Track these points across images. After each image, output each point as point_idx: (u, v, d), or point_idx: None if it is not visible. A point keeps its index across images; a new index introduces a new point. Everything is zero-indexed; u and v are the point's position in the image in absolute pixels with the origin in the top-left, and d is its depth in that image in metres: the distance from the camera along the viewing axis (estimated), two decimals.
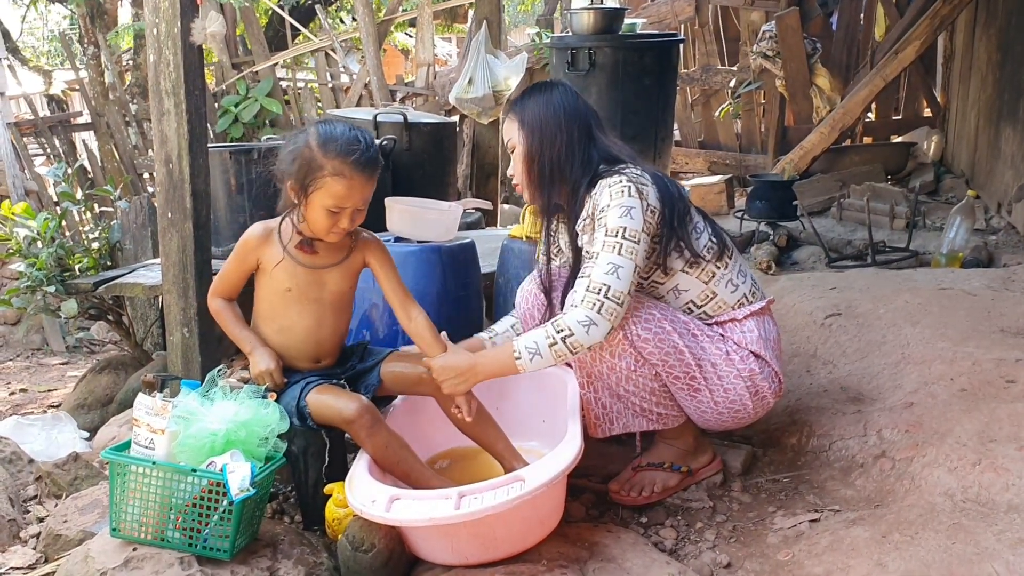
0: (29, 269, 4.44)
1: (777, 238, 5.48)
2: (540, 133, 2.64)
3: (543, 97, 2.67)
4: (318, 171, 2.50)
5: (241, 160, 4.68)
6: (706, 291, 2.67)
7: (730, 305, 2.69)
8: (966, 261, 4.70)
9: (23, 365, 7.34)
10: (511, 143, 2.71)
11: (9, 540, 2.87)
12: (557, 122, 2.63)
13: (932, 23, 6.13)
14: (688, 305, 2.68)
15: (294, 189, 2.56)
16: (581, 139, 2.64)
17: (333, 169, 2.50)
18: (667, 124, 5.99)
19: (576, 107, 2.68)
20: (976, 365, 3.06)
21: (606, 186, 2.53)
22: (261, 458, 2.40)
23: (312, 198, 2.53)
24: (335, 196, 2.51)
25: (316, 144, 2.51)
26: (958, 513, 2.46)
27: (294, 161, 2.53)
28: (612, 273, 2.42)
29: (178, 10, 3.14)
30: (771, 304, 2.78)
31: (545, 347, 2.43)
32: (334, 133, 2.54)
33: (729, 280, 2.68)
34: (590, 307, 2.41)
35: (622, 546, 2.45)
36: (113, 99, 9.42)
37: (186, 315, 3.32)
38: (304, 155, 2.52)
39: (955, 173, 6.78)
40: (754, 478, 2.92)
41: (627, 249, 2.44)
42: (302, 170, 2.51)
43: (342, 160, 2.50)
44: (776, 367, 2.70)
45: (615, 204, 2.48)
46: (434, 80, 8.31)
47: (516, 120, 2.69)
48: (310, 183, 2.51)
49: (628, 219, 2.46)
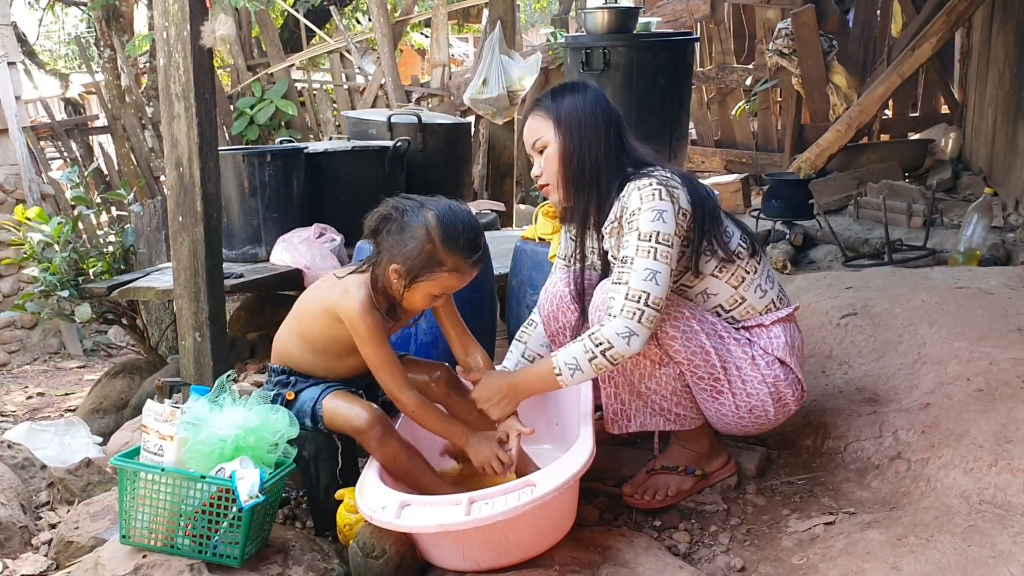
0: (43, 274, 4.47)
1: (793, 237, 5.45)
2: (580, 131, 2.58)
3: (579, 96, 2.62)
4: (437, 267, 2.42)
5: (254, 163, 4.69)
6: (735, 295, 2.63)
7: (758, 311, 2.66)
8: (984, 259, 4.66)
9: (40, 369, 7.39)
10: (541, 142, 2.63)
11: (21, 547, 2.87)
12: (595, 121, 2.58)
13: (949, 19, 6.07)
14: (716, 309, 2.65)
15: (401, 274, 2.44)
16: (615, 140, 2.60)
17: (453, 266, 2.44)
18: (682, 123, 5.95)
19: (609, 108, 2.64)
20: (993, 365, 3.02)
21: (635, 189, 2.49)
22: (271, 464, 2.39)
23: (421, 286, 2.45)
24: (446, 287, 2.49)
25: (439, 239, 2.41)
26: (974, 515, 2.43)
27: (411, 251, 2.42)
28: (651, 279, 2.40)
29: (187, 13, 3.14)
30: (796, 311, 2.75)
31: (585, 361, 2.42)
32: (456, 228, 2.43)
33: (758, 285, 2.65)
34: (630, 316, 2.38)
35: (635, 550, 2.43)
36: (129, 102, 9.46)
37: (198, 319, 3.32)
38: (425, 249, 2.41)
39: (973, 170, 6.72)
40: (769, 481, 2.89)
41: (662, 253, 2.41)
42: (419, 262, 2.41)
43: (465, 259, 2.45)
44: (800, 375, 2.68)
45: (647, 208, 2.43)
46: (449, 80, 8.30)
47: (550, 118, 2.61)
48: (423, 275, 2.43)
49: (661, 223, 2.43)
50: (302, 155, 4.93)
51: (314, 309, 2.59)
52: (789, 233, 5.55)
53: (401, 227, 2.45)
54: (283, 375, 2.64)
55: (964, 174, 6.67)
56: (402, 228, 2.44)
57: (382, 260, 2.48)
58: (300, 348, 2.63)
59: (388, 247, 2.46)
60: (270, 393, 2.59)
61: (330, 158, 5.07)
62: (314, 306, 2.60)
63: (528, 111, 2.71)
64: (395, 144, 5.17)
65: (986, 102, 6.56)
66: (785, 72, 7.43)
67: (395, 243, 2.45)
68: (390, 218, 2.47)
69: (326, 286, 2.60)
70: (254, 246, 4.80)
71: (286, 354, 2.66)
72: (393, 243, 2.45)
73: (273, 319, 5.00)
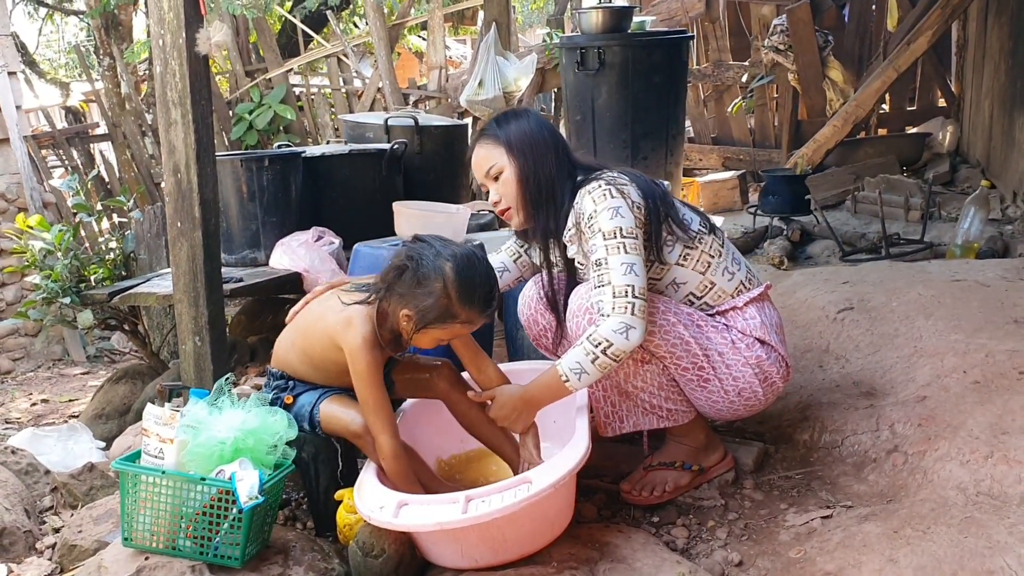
0: (45, 281, 4.48)
1: (791, 233, 5.46)
2: (532, 152, 2.64)
3: (522, 120, 2.69)
4: (450, 319, 2.42)
5: (252, 167, 4.70)
6: (704, 281, 2.67)
7: (729, 293, 2.69)
8: (981, 252, 4.66)
9: (44, 376, 7.41)
10: (496, 168, 2.66)
11: (25, 551, 2.89)
12: (544, 140, 2.66)
13: (944, 12, 6.08)
14: (688, 297, 2.69)
15: (412, 320, 2.43)
16: (563, 155, 2.68)
17: (466, 319, 2.44)
18: (679, 121, 5.97)
19: (552, 128, 2.74)
20: (989, 357, 3.03)
21: (587, 193, 2.55)
22: (270, 466, 2.41)
23: (430, 332, 2.46)
24: (455, 334, 2.51)
25: (455, 294, 2.39)
26: (970, 507, 2.45)
27: (425, 304, 2.40)
28: (629, 272, 2.44)
29: (183, 21, 3.16)
30: (768, 289, 2.78)
31: (588, 363, 2.44)
32: (473, 282, 2.42)
33: (724, 268, 2.69)
34: (622, 312, 2.42)
35: (633, 546, 2.44)
36: (129, 109, 9.48)
37: (197, 324, 3.34)
38: (440, 303, 2.39)
39: (971, 163, 6.73)
40: (766, 475, 2.90)
41: (631, 246, 2.46)
42: (432, 313, 2.40)
43: (479, 313, 2.46)
44: (782, 351, 2.71)
45: (602, 208, 2.49)
46: (446, 83, 8.31)
47: (501, 144, 2.66)
48: (434, 324, 2.43)
49: (620, 218, 2.48)
50: (300, 159, 4.94)
51: (316, 331, 2.57)
52: (786, 229, 5.57)
53: (417, 279, 2.42)
54: (281, 379, 2.66)
55: (962, 167, 6.68)
56: (418, 280, 2.41)
57: (392, 300, 2.46)
58: (300, 360, 2.63)
59: (401, 294, 2.44)
60: (268, 396, 2.60)
61: (327, 162, 5.08)
62: (316, 328, 2.58)
63: (475, 141, 2.75)
64: (392, 147, 5.18)
65: (983, 94, 6.57)
66: (781, 68, 7.44)
67: (409, 292, 2.43)
68: (405, 268, 2.44)
69: (330, 309, 2.55)
70: (253, 250, 4.81)
71: (286, 362, 2.67)
72: (407, 291, 2.43)
73: (274, 323, 5.02)
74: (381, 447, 2.45)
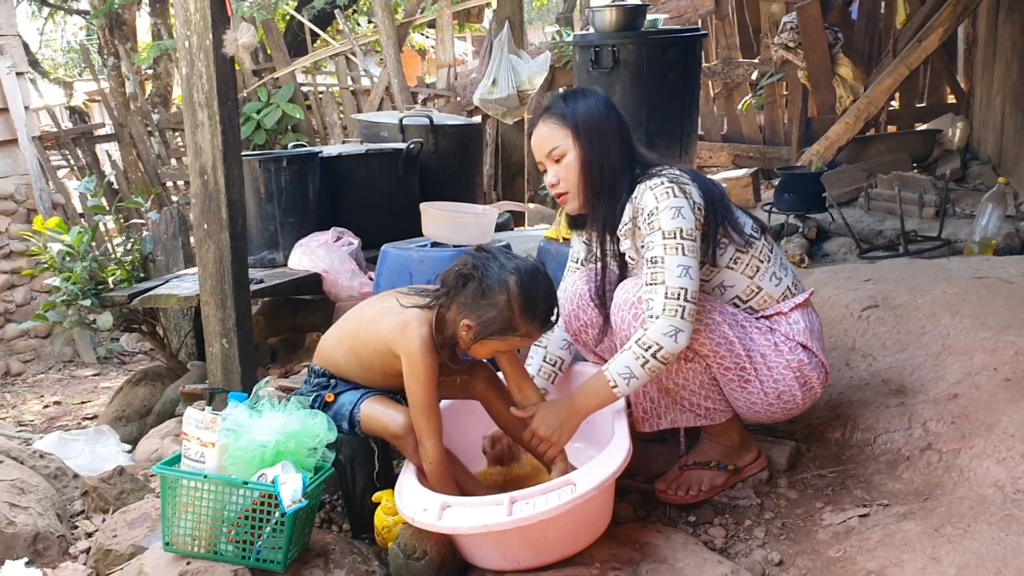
0: (64, 283, 4.48)
1: (807, 230, 5.45)
2: (599, 140, 2.60)
3: (591, 103, 2.64)
4: (511, 331, 2.44)
5: (270, 168, 4.71)
6: (751, 285, 2.66)
7: (775, 299, 2.68)
8: (999, 248, 4.66)
9: (56, 378, 7.41)
10: (559, 151, 2.63)
11: (59, 556, 2.89)
12: (611, 128, 2.62)
13: (955, 9, 6.07)
14: (734, 300, 2.68)
15: (472, 330, 2.45)
16: (627, 146, 2.64)
17: (527, 332, 2.47)
18: (692, 119, 5.97)
19: (619, 114, 2.68)
20: (1019, 354, 3.03)
21: (648, 189, 2.52)
22: (310, 468, 2.41)
23: (489, 343, 2.47)
24: (513, 347, 2.52)
25: (518, 307, 2.42)
26: (1009, 504, 2.45)
27: (488, 316, 2.43)
28: (685, 275, 2.43)
29: (209, 23, 3.16)
30: (812, 296, 2.77)
31: (638, 367, 2.44)
32: (536, 298, 2.45)
33: (772, 273, 2.68)
34: (672, 314, 2.41)
35: (673, 546, 2.45)
36: (135, 109, 9.48)
37: (225, 326, 3.34)
38: (503, 316, 2.42)
39: (981, 159, 6.72)
40: (799, 474, 2.90)
41: (689, 248, 2.45)
42: (494, 325, 2.43)
43: (540, 328, 2.49)
44: (823, 358, 2.71)
45: (664, 206, 2.47)
46: (455, 81, 8.31)
47: (567, 127, 2.62)
48: (495, 335, 2.45)
49: (681, 219, 2.46)
50: (317, 159, 4.95)
51: (370, 333, 2.57)
52: (802, 227, 5.56)
53: (481, 290, 2.44)
54: (323, 377, 2.66)
55: (973, 163, 6.67)
56: (482, 292, 2.43)
57: (453, 308, 2.48)
58: (347, 359, 2.63)
59: (463, 303, 2.46)
60: (309, 397, 2.60)
61: (344, 162, 5.10)
62: (370, 330, 2.57)
63: (539, 117, 2.71)
64: (408, 146, 5.18)
65: (993, 91, 6.57)
66: (791, 66, 7.42)
67: (472, 303, 2.45)
68: (470, 278, 2.46)
69: (388, 311, 2.55)
70: (272, 251, 4.82)
71: (330, 360, 2.67)
72: (470, 302, 2.45)
73: (292, 323, 5.03)
74: (427, 451, 2.45)
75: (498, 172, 7.23)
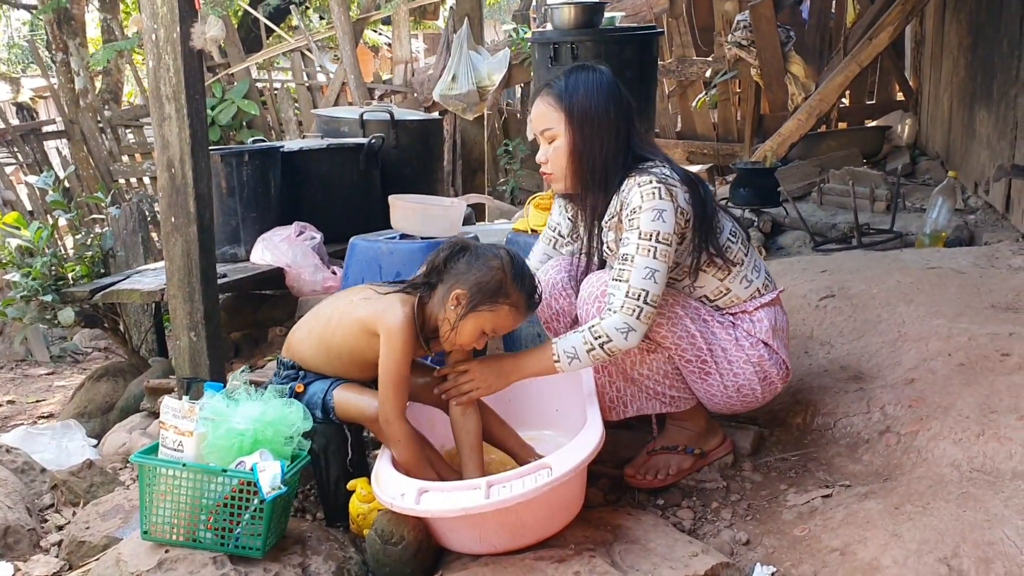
0: (24, 279, 4.44)
1: (762, 224, 5.55)
2: (593, 128, 2.56)
3: (593, 86, 2.57)
4: (502, 297, 2.47)
5: (232, 163, 4.71)
6: (720, 287, 2.70)
7: (742, 299, 2.73)
8: (949, 240, 4.79)
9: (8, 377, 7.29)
10: (551, 133, 2.61)
11: (30, 549, 2.88)
12: (608, 117, 2.56)
13: (905, 8, 6.21)
14: (701, 299, 2.72)
15: (463, 300, 2.47)
16: (624, 137, 2.59)
17: (515, 301, 2.49)
18: (649, 116, 6.04)
19: (622, 100, 2.60)
20: (972, 340, 3.13)
21: (636, 185, 2.51)
22: (287, 456, 2.44)
23: (478, 317, 2.48)
24: (498, 326, 2.52)
25: (511, 272, 2.48)
26: (966, 483, 2.53)
27: (483, 277, 2.47)
28: (650, 278, 2.46)
29: (176, 15, 3.15)
30: (781, 294, 2.82)
31: (583, 352, 2.48)
32: (524, 269, 2.54)
33: (744, 276, 2.71)
34: (629, 313, 2.45)
35: (644, 527, 2.51)
36: (85, 106, 9.36)
37: (193, 319, 3.33)
38: (497, 277, 2.46)
39: (930, 155, 6.89)
40: (763, 457, 2.98)
41: (662, 252, 2.47)
42: (488, 288, 2.46)
43: (526, 299, 2.52)
44: (784, 355, 2.76)
45: (647, 207, 2.47)
46: (412, 77, 8.33)
47: (562, 109, 2.57)
48: (486, 303, 2.47)
49: (661, 222, 2.47)
50: (278, 154, 4.95)
51: (345, 319, 2.59)
52: (757, 220, 5.65)
53: (476, 255, 2.51)
54: (292, 369, 2.68)
55: (921, 159, 6.84)
56: (476, 257, 2.51)
57: (440, 287, 2.52)
58: (315, 351, 2.65)
59: (456, 273, 2.50)
60: (285, 386, 2.62)
61: (306, 156, 5.10)
62: (345, 316, 2.59)
63: (539, 91, 2.68)
64: (369, 141, 5.20)
65: (941, 89, 6.73)
66: (744, 63, 7.54)
67: (466, 269, 2.50)
68: (466, 248, 2.53)
69: (363, 299, 2.58)
70: (233, 246, 4.82)
71: (298, 353, 2.68)
72: (464, 269, 2.50)
73: (254, 318, 5.03)
74: (392, 431, 2.49)
75: (456, 167, 7.26)
